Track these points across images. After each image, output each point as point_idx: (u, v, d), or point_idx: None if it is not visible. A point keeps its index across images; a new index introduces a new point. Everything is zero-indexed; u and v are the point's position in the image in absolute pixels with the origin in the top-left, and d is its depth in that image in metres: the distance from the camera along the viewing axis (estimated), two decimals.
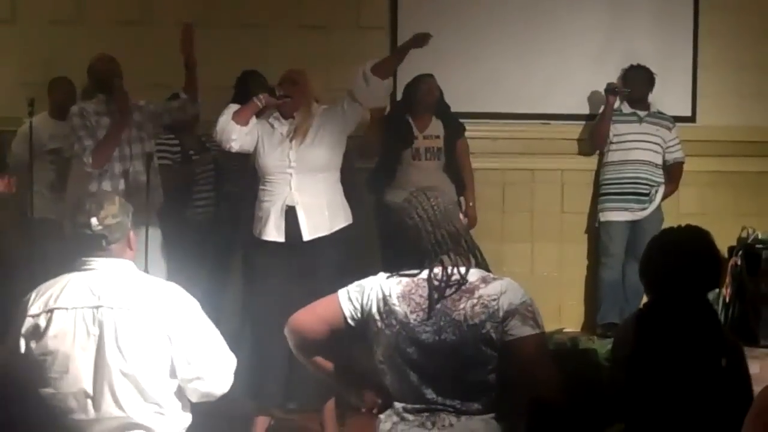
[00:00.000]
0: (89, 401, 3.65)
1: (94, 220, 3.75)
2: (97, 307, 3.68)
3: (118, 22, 7.93)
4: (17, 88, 7.73)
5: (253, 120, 6.00)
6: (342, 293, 3.62)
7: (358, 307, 3.57)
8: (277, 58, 7.56)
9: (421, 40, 6.13)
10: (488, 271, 3.59)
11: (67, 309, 3.69)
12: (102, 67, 6.53)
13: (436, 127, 7.51)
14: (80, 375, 3.65)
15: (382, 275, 3.63)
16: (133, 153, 6.49)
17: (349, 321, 3.58)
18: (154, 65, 7.62)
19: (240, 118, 5.93)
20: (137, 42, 7.72)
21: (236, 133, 5.93)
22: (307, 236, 5.93)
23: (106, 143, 6.38)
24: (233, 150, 6.03)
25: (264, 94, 5.98)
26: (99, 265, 3.77)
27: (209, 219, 7.25)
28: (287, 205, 5.94)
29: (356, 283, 3.64)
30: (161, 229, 6.59)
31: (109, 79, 6.46)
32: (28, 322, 3.71)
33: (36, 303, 3.75)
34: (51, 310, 3.70)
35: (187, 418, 3.86)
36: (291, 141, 5.97)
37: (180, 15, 7.83)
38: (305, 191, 5.96)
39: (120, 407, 3.65)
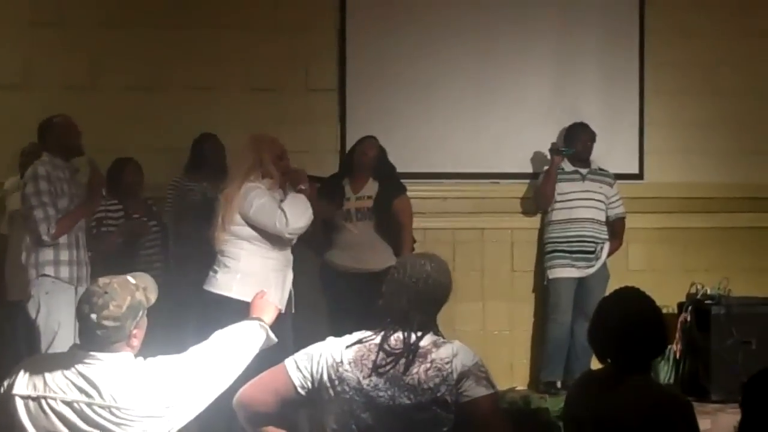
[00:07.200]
0: None
1: (93, 317, 3.49)
2: (89, 404, 3.44)
3: (65, 87, 7.83)
4: None
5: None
6: (289, 362, 3.59)
7: (308, 375, 3.55)
8: (227, 121, 7.61)
9: None
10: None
11: (56, 399, 3.44)
12: (70, 133, 6.38)
13: (370, 187, 7.40)
14: None
15: (330, 341, 3.62)
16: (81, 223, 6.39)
17: (300, 390, 3.55)
18: (99, 130, 7.53)
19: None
20: (83, 107, 7.56)
21: None
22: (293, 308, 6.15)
23: (72, 218, 6.24)
24: None
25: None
26: (94, 358, 3.49)
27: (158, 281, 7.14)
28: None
29: (303, 351, 3.62)
30: None
31: (75, 147, 6.36)
32: (18, 403, 3.46)
33: (25, 382, 3.48)
34: (40, 398, 3.44)
35: None
36: None
37: (129, 79, 7.85)
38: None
39: None
